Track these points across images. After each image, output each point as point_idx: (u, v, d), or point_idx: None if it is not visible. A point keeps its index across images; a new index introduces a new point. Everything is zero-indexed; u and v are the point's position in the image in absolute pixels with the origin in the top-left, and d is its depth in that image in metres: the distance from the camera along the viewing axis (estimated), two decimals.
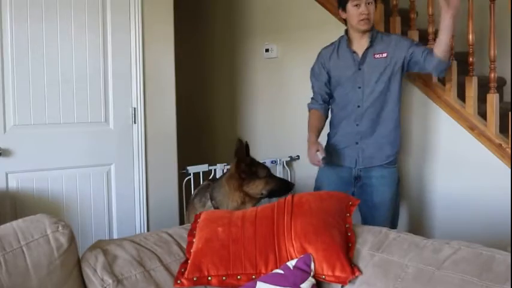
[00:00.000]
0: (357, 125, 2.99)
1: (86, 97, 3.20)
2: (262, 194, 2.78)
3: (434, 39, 3.35)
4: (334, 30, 3.75)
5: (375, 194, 2.95)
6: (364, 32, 2.95)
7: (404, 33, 3.49)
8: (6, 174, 2.98)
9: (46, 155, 3.09)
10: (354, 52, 2.99)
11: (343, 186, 2.94)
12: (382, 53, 2.93)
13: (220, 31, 4.86)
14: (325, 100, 3.13)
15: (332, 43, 3.11)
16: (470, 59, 3.13)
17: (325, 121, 3.17)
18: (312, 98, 3.18)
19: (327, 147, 3.06)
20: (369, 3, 2.88)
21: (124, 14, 3.31)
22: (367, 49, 2.95)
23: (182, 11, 4.04)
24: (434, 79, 3.31)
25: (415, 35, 3.41)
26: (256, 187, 2.74)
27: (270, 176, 2.82)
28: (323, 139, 3.08)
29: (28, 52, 3.02)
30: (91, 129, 3.24)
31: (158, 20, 3.45)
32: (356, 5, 2.88)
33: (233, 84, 4.72)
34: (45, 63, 3.07)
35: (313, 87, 3.17)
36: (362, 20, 2.89)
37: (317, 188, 3.09)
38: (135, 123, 3.37)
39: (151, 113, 3.42)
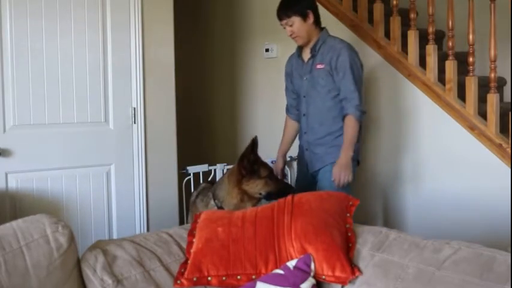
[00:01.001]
0: (305, 133, 3.09)
1: (86, 97, 3.20)
2: (260, 194, 2.75)
3: (434, 39, 3.36)
4: (334, 30, 3.74)
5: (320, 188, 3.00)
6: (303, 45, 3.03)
7: (404, 33, 3.49)
8: (6, 174, 2.98)
9: (46, 155, 3.09)
10: (303, 61, 3.05)
11: (305, 181, 3.10)
12: (322, 64, 2.95)
13: (220, 31, 4.85)
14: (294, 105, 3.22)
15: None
16: (470, 59, 3.14)
17: (297, 129, 3.25)
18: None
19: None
20: (290, 25, 2.93)
21: (124, 14, 3.30)
22: (309, 59, 3.01)
23: (182, 10, 4.04)
24: (435, 79, 3.32)
25: (415, 35, 3.41)
26: (256, 186, 2.71)
27: (270, 177, 2.79)
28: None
29: (28, 52, 3.01)
30: (91, 129, 3.23)
31: (158, 20, 3.44)
32: (284, 27, 2.98)
33: (233, 84, 4.72)
34: (45, 63, 3.06)
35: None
36: (292, 38, 2.99)
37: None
38: (135, 123, 3.36)
39: (151, 113, 3.41)
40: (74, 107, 3.16)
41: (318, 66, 2.95)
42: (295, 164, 3.87)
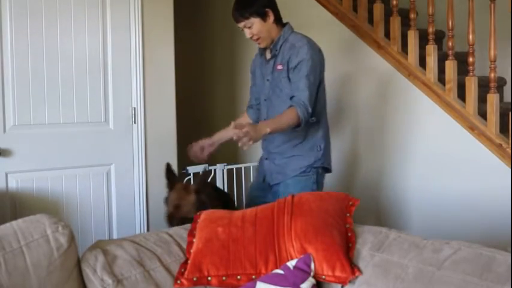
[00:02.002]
0: (265, 140, 2.81)
1: (86, 97, 3.20)
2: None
3: (435, 39, 3.36)
4: (334, 30, 3.76)
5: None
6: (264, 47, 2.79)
7: (404, 33, 3.49)
8: (6, 174, 2.98)
9: (46, 155, 3.09)
10: (266, 61, 2.81)
11: (259, 191, 2.87)
12: (281, 64, 2.71)
13: (220, 31, 4.85)
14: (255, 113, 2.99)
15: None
16: (470, 59, 3.14)
17: None
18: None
19: None
20: (248, 27, 2.68)
21: (124, 14, 3.31)
22: (271, 59, 2.77)
23: (182, 11, 4.04)
24: (435, 79, 3.32)
25: (415, 35, 3.41)
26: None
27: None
28: None
29: (28, 52, 3.01)
30: (91, 129, 3.23)
31: (158, 20, 3.45)
32: (242, 30, 2.74)
33: (233, 84, 4.72)
34: (45, 63, 3.06)
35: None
36: (254, 41, 2.75)
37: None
38: (135, 123, 3.37)
39: (151, 113, 3.42)
40: (74, 107, 3.17)
41: (278, 67, 2.71)
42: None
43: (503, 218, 2.90)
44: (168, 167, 2.47)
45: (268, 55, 2.80)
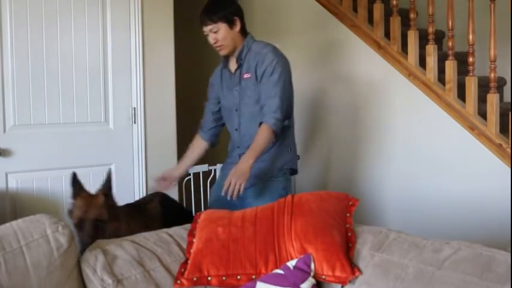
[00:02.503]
0: (238, 147, 2.80)
1: (86, 97, 3.21)
2: None
3: (434, 39, 3.37)
4: (334, 30, 3.76)
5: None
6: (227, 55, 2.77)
7: (404, 33, 3.49)
8: (6, 174, 2.99)
9: (46, 155, 3.09)
10: (231, 72, 2.80)
11: (224, 201, 2.64)
12: (248, 72, 2.70)
13: None
14: (212, 126, 2.93)
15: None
16: (470, 59, 3.14)
17: (205, 151, 2.95)
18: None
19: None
20: (214, 32, 2.66)
21: (124, 14, 3.31)
22: (237, 69, 2.75)
23: (182, 11, 4.04)
24: (435, 79, 3.32)
25: (415, 35, 3.41)
26: None
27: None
28: None
29: (28, 52, 3.02)
30: (91, 129, 3.24)
31: (158, 20, 3.45)
32: (207, 34, 2.71)
33: None
34: (45, 64, 3.07)
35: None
36: (216, 47, 2.73)
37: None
38: (135, 123, 3.37)
39: (151, 113, 3.42)
40: (74, 107, 3.17)
41: (245, 76, 2.70)
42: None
43: (503, 218, 2.90)
44: (74, 176, 2.35)
45: (233, 66, 2.78)
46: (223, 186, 2.49)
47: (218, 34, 2.67)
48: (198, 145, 2.94)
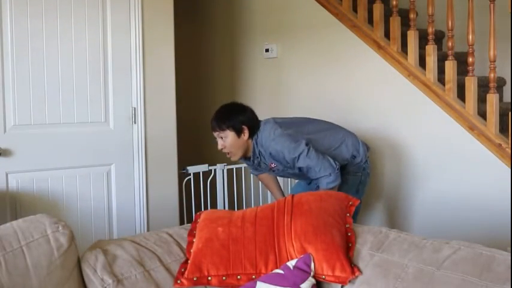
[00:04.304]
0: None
1: (86, 97, 3.20)
2: None
3: (434, 40, 3.37)
4: (334, 30, 3.76)
5: None
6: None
7: (404, 33, 3.49)
8: (6, 174, 2.98)
9: (46, 155, 3.09)
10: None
11: (305, 188, 3.01)
12: (273, 163, 2.87)
13: (220, 31, 4.85)
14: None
15: None
16: (470, 59, 3.14)
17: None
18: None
19: None
20: (221, 137, 2.82)
21: (124, 14, 3.31)
22: (258, 164, 2.95)
23: (182, 11, 4.04)
24: (434, 79, 3.32)
25: (414, 35, 3.41)
26: None
27: None
28: None
29: (28, 52, 3.02)
30: (91, 129, 3.24)
31: (158, 20, 3.45)
32: (215, 138, 2.86)
33: (233, 84, 4.72)
34: (45, 63, 3.06)
35: None
36: (225, 153, 2.88)
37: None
38: (135, 123, 3.37)
39: (151, 113, 3.42)
40: (74, 107, 3.17)
41: (273, 165, 2.89)
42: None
43: (503, 218, 2.90)
44: None
45: (253, 162, 2.95)
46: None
47: (225, 141, 2.82)
48: (267, 177, 3.19)
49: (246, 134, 2.82)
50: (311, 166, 2.76)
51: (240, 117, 2.83)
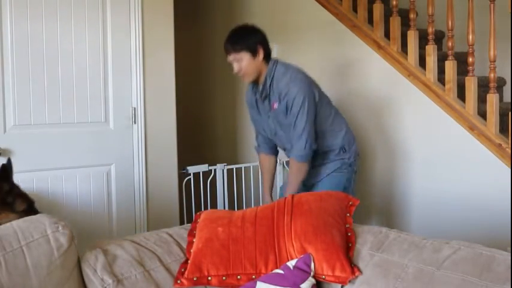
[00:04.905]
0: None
1: (86, 97, 3.21)
2: None
3: (434, 40, 3.37)
4: (334, 30, 3.76)
5: None
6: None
7: (404, 33, 3.49)
8: None
9: (46, 155, 3.09)
10: (261, 99, 2.87)
11: None
12: (276, 102, 2.79)
13: (220, 31, 4.85)
14: (267, 140, 3.03)
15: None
16: (470, 59, 3.14)
17: (276, 160, 3.11)
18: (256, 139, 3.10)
19: None
20: (237, 61, 2.74)
21: (124, 14, 3.31)
22: (265, 99, 2.83)
23: (182, 11, 4.04)
24: (434, 79, 3.32)
25: (414, 35, 3.41)
26: (8, 221, 2.11)
27: (28, 212, 2.23)
28: None
29: (28, 52, 3.02)
30: (91, 129, 3.24)
31: (158, 20, 3.45)
32: (230, 62, 2.80)
33: (233, 84, 4.72)
34: (45, 64, 3.07)
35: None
36: (240, 75, 2.83)
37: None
38: (135, 123, 3.37)
39: (151, 113, 3.42)
40: (74, 107, 3.17)
41: (275, 106, 2.79)
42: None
43: (503, 218, 2.90)
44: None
45: (261, 94, 2.85)
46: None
47: (241, 63, 2.74)
48: (267, 160, 3.08)
49: (261, 55, 2.75)
50: (298, 128, 2.73)
51: (254, 37, 2.76)
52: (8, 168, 2.28)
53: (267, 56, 2.80)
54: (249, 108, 3.05)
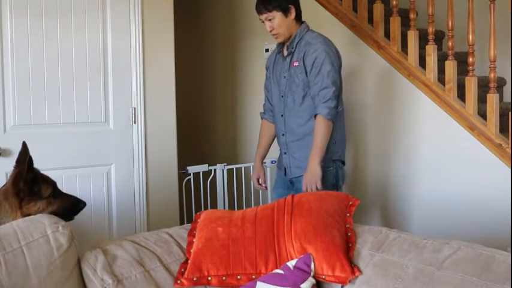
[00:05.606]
0: (283, 135, 2.90)
1: (86, 97, 3.20)
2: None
3: (434, 40, 3.37)
4: (333, 30, 3.76)
5: None
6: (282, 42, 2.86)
7: (404, 33, 3.49)
8: (6, 174, 2.97)
9: (46, 155, 3.08)
10: (283, 58, 2.87)
11: (284, 189, 2.92)
12: (297, 61, 2.78)
13: (220, 31, 4.85)
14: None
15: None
16: (470, 59, 3.14)
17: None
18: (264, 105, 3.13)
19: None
20: (269, 20, 2.76)
21: (124, 14, 3.31)
22: (287, 55, 2.83)
23: (182, 11, 4.04)
24: (434, 79, 3.32)
25: (415, 35, 3.41)
26: (37, 208, 2.22)
27: (54, 195, 2.32)
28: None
29: (28, 52, 3.02)
30: (91, 129, 3.24)
31: (158, 20, 3.45)
32: (262, 22, 2.82)
33: (233, 84, 4.72)
34: (45, 63, 3.07)
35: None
36: (272, 35, 2.83)
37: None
38: (135, 123, 3.37)
39: (151, 113, 3.42)
40: (74, 107, 3.17)
41: (295, 64, 2.78)
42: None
43: (503, 218, 2.90)
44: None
45: (285, 52, 2.87)
46: (280, 181, 2.94)
47: (273, 22, 2.76)
48: (268, 128, 3.06)
49: (292, 14, 2.78)
50: (320, 83, 2.69)
51: None
52: (27, 153, 2.29)
53: (298, 17, 2.83)
54: (266, 72, 3.05)
